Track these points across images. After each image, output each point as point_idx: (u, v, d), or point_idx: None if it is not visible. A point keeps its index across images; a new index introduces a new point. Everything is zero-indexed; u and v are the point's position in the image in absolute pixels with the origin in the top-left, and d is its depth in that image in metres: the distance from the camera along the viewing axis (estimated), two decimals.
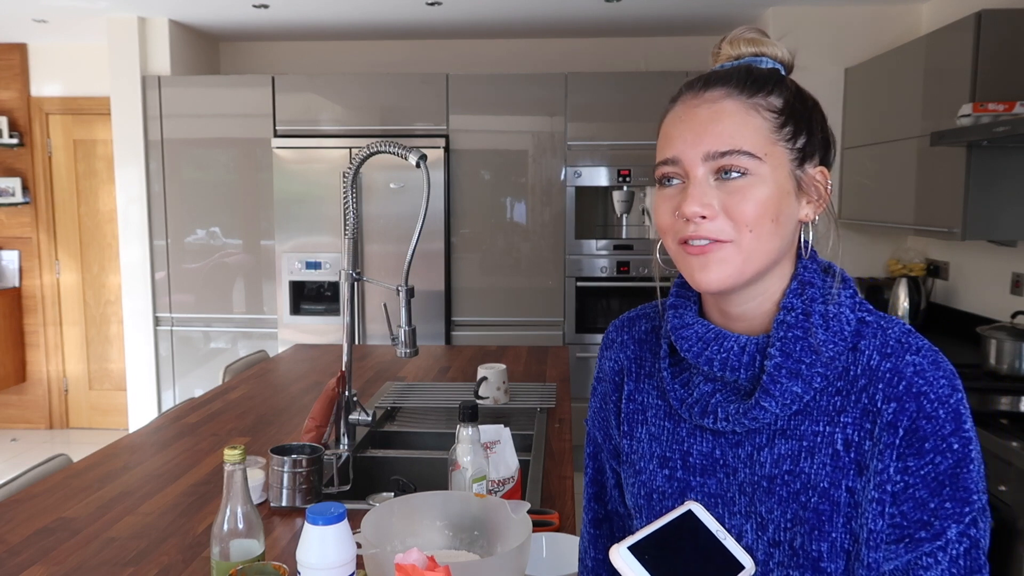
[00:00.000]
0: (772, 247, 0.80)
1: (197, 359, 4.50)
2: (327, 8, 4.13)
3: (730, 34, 0.88)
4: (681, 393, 0.87)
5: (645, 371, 0.93)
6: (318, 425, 1.74)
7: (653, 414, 0.91)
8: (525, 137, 4.29)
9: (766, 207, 0.78)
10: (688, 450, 0.87)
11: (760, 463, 0.82)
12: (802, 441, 0.81)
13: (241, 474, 1.13)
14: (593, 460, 1.01)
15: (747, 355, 0.82)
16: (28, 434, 5.09)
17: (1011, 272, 3.10)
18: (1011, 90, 2.68)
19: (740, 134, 0.78)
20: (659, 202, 0.84)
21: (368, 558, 1.04)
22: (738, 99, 0.80)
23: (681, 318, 0.87)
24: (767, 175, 0.79)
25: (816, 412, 0.81)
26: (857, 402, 0.79)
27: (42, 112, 4.98)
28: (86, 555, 1.37)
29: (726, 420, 0.82)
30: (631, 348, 0.96)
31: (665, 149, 0.83)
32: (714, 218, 0.78)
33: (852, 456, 0.79)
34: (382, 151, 1.76)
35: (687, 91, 0.84)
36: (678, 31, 4.65)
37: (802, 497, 0.80)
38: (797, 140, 0.81)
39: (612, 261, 4.29)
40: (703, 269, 0.80)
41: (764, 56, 0.86)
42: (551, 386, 2.51)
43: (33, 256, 5.08)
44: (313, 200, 4.26)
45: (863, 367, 0.80)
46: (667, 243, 0.84)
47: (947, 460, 0.76)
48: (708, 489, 0.85)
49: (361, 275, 1.87)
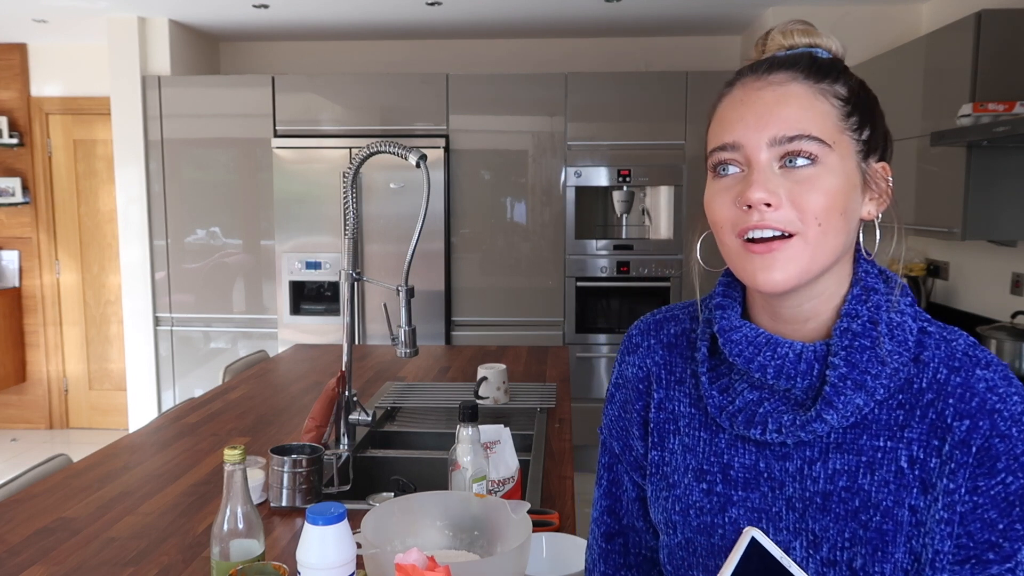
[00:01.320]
0: (838, 243, 0.75)
1: (197, 359, 4.50)
2: (327, 8, 4.13)
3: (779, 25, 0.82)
4: (720, 400, 0.81)
5: (676, 377, 0.88)
6: (318, 425, 1.74)
7: (686, 423, 0.85)
8: (525, 137, 4.29)
9: (835, 199, 0.73)
10: (729, 462, 0.81)
11: (812, 478, 0.77)
12: (860, 456, 0.76)
13: (241, 474, 1.13)
14: (609, 471, 0.95)
15: (804, 363, 0.77)
16: (28, 434, 5.09)
17: (1011, 272, 3.10)
18: (1011, 90, 2.68)
19: (808, 118, 0.73)
20: (714, 193, 0.77)
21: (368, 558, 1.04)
22: (805, 83, 0.75)
23: (729, 320, 0.82)
24: (836, 164, 0.74)
25: (876, 426, 0.76)
26: (923, 417, 0.75)
27: (42, 112, 4.98)
28: (86, 555, 1.37)
29: (778, 431, 0.77)
30: (659, 353, 0.90)
31: (722, 134, 0.77)
32: (779, 207, 0.73)
33: (916, 473, 0.75)
34: (382, 151, 1.76)
35: (748, 73, 0.78)
36: (678, 31, 4.65)
37: (861, 516, 0.75)
38: (863, 132, 0.76)
39: (612, 261, 4.29)
40: (767, 269, 0.74)
41: (819, 47, 0.80)
42: (551, 386, 2.51)
43: (33, 256, 5.08)
44: (313, 200, 4.26)
45: (929, 380, 0.76)
46: (723, 238, 0.78)
47: (1019, 480, 0.72)
48: (751, 503, 0.80)
49: (361, 275, 1.87)
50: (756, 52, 0.83)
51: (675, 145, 4.23)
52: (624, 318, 4.34)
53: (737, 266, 0.77)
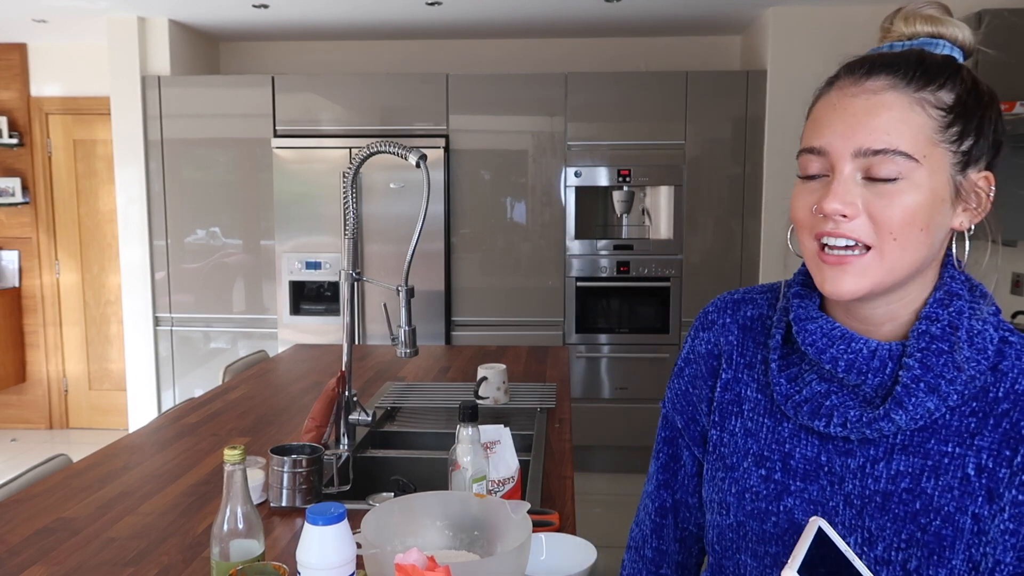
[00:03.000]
0: (918, 257, 0.74)
1: (197, 359, 4.50)
2: (327, 8, 4.13)
3: (905, 8, 0.79)
4: (787, 389, 0.81)
5: (746, 360, 0.87)
6: (318, 425, 1.74)
7: (750, 408, 0.85)
8: (525, 137, 4.29)
9: (915, 215, 0.72)
10: (790, 452, 0.81)
11: (874, 477, 0.77)
12: (926, 460, 0.75)
13: (241, 474, 1.13)
14: (669, 445, 0.95)
15: (878, 360, 0.76)
16: (28, 434, 5.09)
17: (1011, 272, 3.10)
18: (1011, 90, 2.68)
19: (899, 132, 0.71)
20: (798, 194, 0.77)
21: (368, 558, 1.04)
22: (903, 92, 0.72)
23: (807, 309, 0.81)
24: (923, 180, 0.72)
25: (945, 431, 0.75)
26: (996, 426, 0.74)
27: (42, 112, 4.98)
28: (86, 555, 1.37)
29: (843, 426, 0.76)
30: (734, 333, 0.89)
31: (812, 136, 0.76)
32: (855, 217, 0.72)
33: (984, 482, 0.74)
34: (382, 151, 1.76)
35: (846, 75, 0.75)
36: (678, 31, 4.65)
37: (921, 519, 0.75)
38: (963, 142, 0.74)
39: (612, 261, 4.29)
40: (836, 280, 0.74)
41: (942, 38, 0.77)
42: (551, 386, 2.51)
43: (33, 256, 5.08)
44: (313, 200, 4.26)
45: (1006, 390, 0.75)
46: (802, 239, 0.78)
47: None
48: (808, 495, 0.80)
49: (361, 275, 1.87)
50: (881, 33, 0.81)
51: (675, 145, 4.23)
52: (624, 318, 4.35)
53: (812, 269, 0.78)
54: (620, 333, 4.35)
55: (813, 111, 0.78)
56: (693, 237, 4.26)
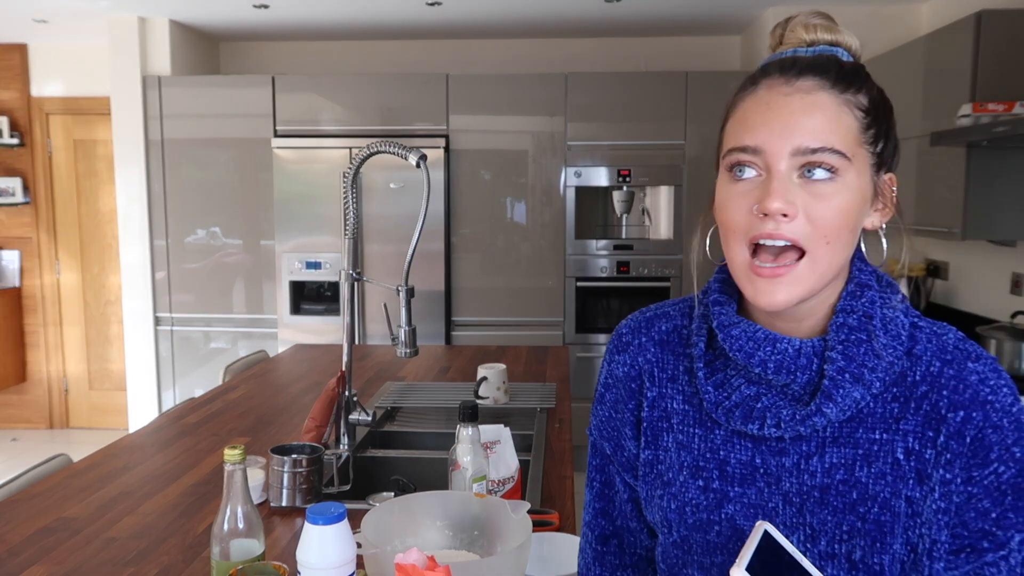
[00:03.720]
0: (844, 257, 0.76)
1: (197, 359, 4.50)
2: (327, 8, 4.14)
3: (797, 16, 0.80)
4: (716, 396, 0.81)
5: (668, 374, 0.87)
6: (318, 425, 1.74)
7: (679, 420, 0.85)
8: (525, 137, 4.29)
9: (847, 215, 0.74)
10: (725, 458, 0.81)
11: (810, 472, 0.78)
12: (857, 449, 0.77)
13: (241, 474, 1.13)
14: (600, 473, 0.94)
15: (804, 358, 0.77)
16: (28, 434, 5.09)
17: (1011, 272, 3.10)
18: (1011, 90, 2.68)
19: (833, 131, 0.72)
20: (730, 197, 0.76)
21: (368, 558, 1.04)
22: (831, 92, 0.73)
23: (728, 316, 0.82)
24: (852, 179, 0.74)
25: (871, 419, 0.77)
26: (918, 409, 0.76)
27: (42, 112, 4.98)
28: (86, 555, 1.38)
29: (777, 426, 0.77)
30: (651, 350, 0.89)
31: (743, 135, 0.75)
32: (794, 218, 0.72)
33: (912, 464, 0.76)
34: (382, 151, 1.76)
35: (776, 74, 0.76)
36: (678, 31, 4.65)
37: (860, 508, 0.76)
38: (878, 144, 0.76)
39: (612, 261, 4.29)
40: (770, 292, 0.74)
41: (840, 46, 0.79)
42: (551, 386, 2.51)
43: (33, 256, 5.08)
44: (313, 200, 4.26)
45: (923, 373, 0.77)
46: (732, 245, 0.76)
47: (1010, 470, 0.74)
48: (748, 499, 0.80)
49: (361, 275, 1.87)
50: (773, 40, 0.81)
51: (675, 145, 4.23)
52: (624, 318, 4.34)
53: (741, 281, 0.77)
54: None
55: (739, 109, 0.77)
56: (693, 237, 4.25)
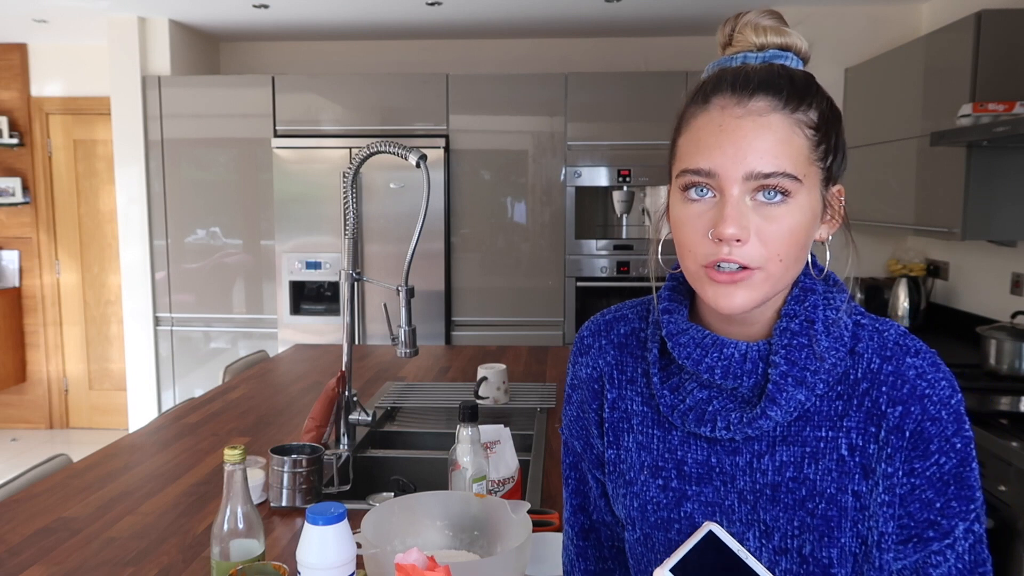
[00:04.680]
0: (795, 271, 0.78)
1: (197, 359, 4.50)
2: (327, 8, 4.13)
3: (745, 17, 0.79)
4: (671, 399, 0.83)
5: (627, 377, 0.89)
6: (318, 425, 1.74)
7: (639, 422, 0.87)
8: (525, 137, 4.29)
9: (797, 235, 0.74)
10: (682, 459, 0.84)
11: (761, 471, 0.81)
12: (805, 447, 0.79)
13: (241, 474, 1.13)
14: (574, 470, 0.99)
15: (749, 362, 0.79)
16: (28, 434, 5.09)
17: (1011, 272, 3.10)
18: (1011, 90, 2.68)
19: (785, 154, 0.73)
20: (687, 219, 0.76)
21: (368, 558, 1.04)
22: (783, 113, 0.73)
23: (676, 323, 0.84)
24: (804, 199, 0.74)
25: (817, 417, 0.79)
26: (860, 406, 0.79)
27: (42, 112, 4.98)
28: (86, 555, 1.37)
29: (727, 429, 0.80)
30: (610, 353, 0.91)
31: (698, 158, 0.74)
32: (747, 242, 0.73)
33: (857, 460, 0.78)
34: (382, 151, 1.76)
35: (728, 92, 0.75)
36: (678, 31, 4.65)
37: (808, 504, 0.79)
38: (827, 159, 0.76)
39: (612, 261, 4.29)
40: (728, 296, 0.75)
41: (790, 50, 0.78)
42: (551, 386, 2.51)
43: (33, 256, 5.08)
44: (313, 200, 4.26)
45: (863, 370, 0.79)
46: (686, 261, 0.78)
47: (951, 460, 0.77)
48: (705, 498, 0.83)
49: (361, 275, 1.87)
50: (722, 37, 0.81)
51: None
52: None
53: (697, 287, 0.78)
54: None
55: (691, 127, 0.76)
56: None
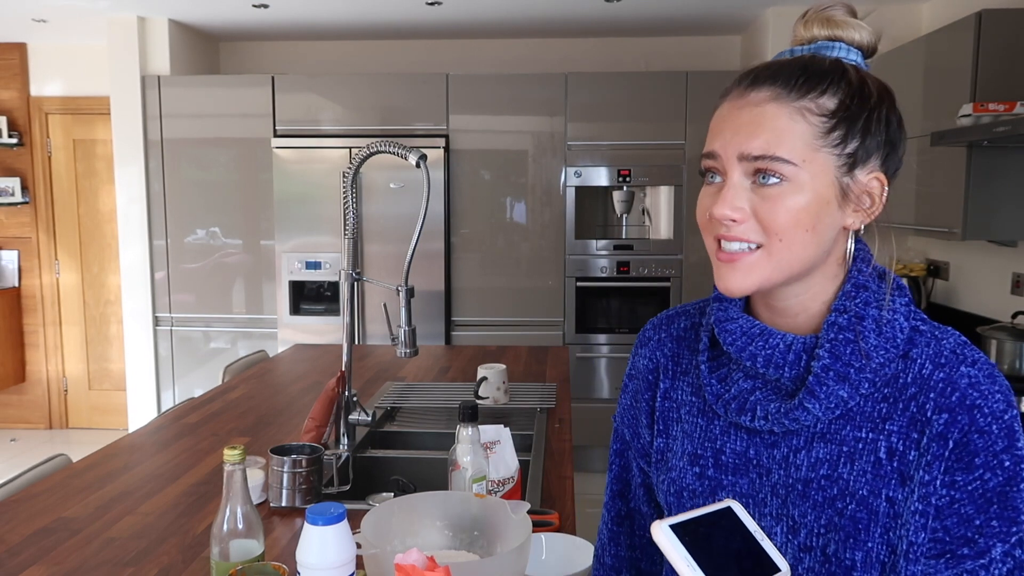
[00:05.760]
0: (806, 255, 0.78)
1: (197, 359, 4.50)
2: (327, 8, 4.13)
3: (809, 10, 0.81)
4: (718, 388, 0.85)
5: (681, 368, 0.92)
6: (318, 425, 1.74)
7: (687, 411, 0.89)
8: (525, 137, 4.29)
9: (799, 217, 0.75)
10: (721, 448, 0.85)
11: (796, 465, 0.80)
12: (842, 446, 0.78)
13: (241, 474, 1.13)
14: (619, 457, 1.00)
15: (793, 354, 0.80)
16: (28, 434, 5.09)
17: (1011, 272, 3.10)
18: (1011, 90, 2.68)
19: (777, 140, 0.75)
20: (700, 200, 0.82)
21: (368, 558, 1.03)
22: (783, 102, 0.76)
23: (726, 311, 0.85)
24: (805, 182, 0.75)
25: (860, 418, 0.78)
26: (905, 410, 0.77)
27: (42, 112, 4.97)
28: (86, 555, 1.37)
29: (765, 419, 0.80)
30: (668, 345, 0.94)
31: (707, 143, 0.81)
32: (744, 221, 0.76)
33: (895, 465, 0.77)
34: (382, 151, 1.76)
35: (736, 87, 0.80)
36: (678, 31, 4.65)
37: (838, 503, 0.78)
38: (847, 144, 0.76)
39: (612, 261, 4.29)
40: (727, 277, 0.78)
41: (838, 41, 0.79)
42: (551, 386, 2.51)
43: (33, 256, 5.08)
44: (313, 200, 4.25)
45: (914, 375, 0.78)
46: (705, 238, 0.82)
47: (997, 477, 0.74)
48: (739, 489, 0.83)
49: (361, 275, 1.87)
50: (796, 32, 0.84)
51: (675, 145, 4.23)
52: (624, 318, 4.35)
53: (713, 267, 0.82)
54: (620, 333, 4.35)
55: (713, 118, 0.82)
56: (693, 237, 4.25)
